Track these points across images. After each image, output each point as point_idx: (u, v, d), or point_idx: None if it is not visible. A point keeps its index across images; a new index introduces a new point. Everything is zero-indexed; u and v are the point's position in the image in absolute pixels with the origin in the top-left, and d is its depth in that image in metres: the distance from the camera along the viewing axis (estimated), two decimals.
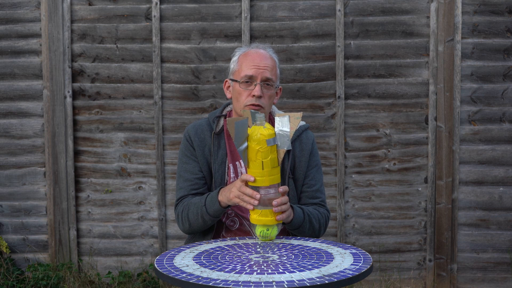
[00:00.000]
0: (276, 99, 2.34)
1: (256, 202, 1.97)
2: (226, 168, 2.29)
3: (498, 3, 3.86)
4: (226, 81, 2.36)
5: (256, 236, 2.09)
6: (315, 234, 2.27)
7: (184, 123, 4.00)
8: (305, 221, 2.19)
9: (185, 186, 2.30)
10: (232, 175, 2.29)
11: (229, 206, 2.16)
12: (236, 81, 2.27)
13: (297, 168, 2.32)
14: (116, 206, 4.06)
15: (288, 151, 2.25)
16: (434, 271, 3.97)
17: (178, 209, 2.29)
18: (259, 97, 2.22)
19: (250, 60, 2.25)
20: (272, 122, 2.35)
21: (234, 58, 2.34)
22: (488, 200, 3.95)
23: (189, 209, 2.23)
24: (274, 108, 2.43)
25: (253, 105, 2.22)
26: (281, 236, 2.16)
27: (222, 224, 2.31)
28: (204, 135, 2.32)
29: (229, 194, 2.06)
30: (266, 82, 2.25)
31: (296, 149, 2.32)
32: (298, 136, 2.34)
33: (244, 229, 2.29)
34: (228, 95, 2.36)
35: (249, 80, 2.24)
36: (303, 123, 2.38)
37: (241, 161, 2.30)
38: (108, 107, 4.03)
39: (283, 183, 2.20)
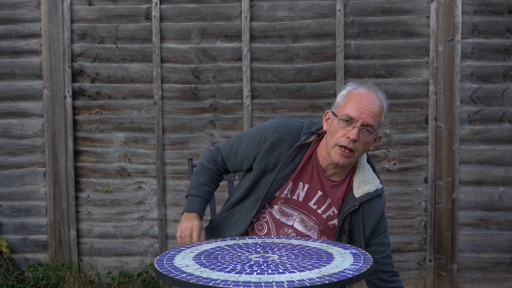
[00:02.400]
0: (372, 146, 2.21)
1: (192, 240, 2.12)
2: (284, 183, 2.21)
3: (498, 3, 3.86)
4: (327, 112, 2.23)
5: None
6: None
7: (184, 123, 4.00)
8: None
9: (224, 154, 2.34)
10: (285, 191, 2.22)
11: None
12: (336, 116, 2.15)
13: (357, 231, 2.21)
14: (116, 206, 4.06)
15: (352, 211, 2.19)
16: (434, 271, 3.97)
17: (203, 158, 2.38)
18: (354, 141, 2.12)
19: (357, 100, 2.13)
20: (353, 172, 2.25)
21: (343, 92, 2.20)
22: (488, 200, 3.95)
23: (198, 173, 2.35)
24: (363, 162, 2.30)
25: (345, 147, 2.12)
26: (281, 236, 2.15)
27: (252, 225, 2.26)
28: (287, 138, 2.23)
29: (180, 223, 2.20)
30: (366, 127, 2.12)
31: (363, 213, 2.20)
32: (369, 200, 2.21)
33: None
34: (325, 127, 2.22)
35: (350, 120, 2.12)
36: (380, 186, 2.25)
37: (306, 185, 2.22)
38: (108, 107, 4.03)
39: (338, 236, 2.20)
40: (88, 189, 4.07)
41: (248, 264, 1.75)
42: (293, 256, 1.84)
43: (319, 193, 2.22)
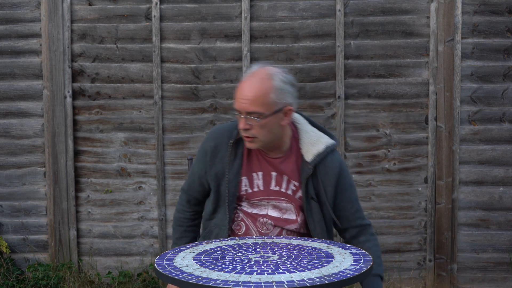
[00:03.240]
0: (285, 120, 2.17)
1: None
2: (239, 181, 2.23)
3: (498, 3, 3.86)
4: None
5: None
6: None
7: (184, 123, 4.00)
8: (381, 275, 2.22)
9: (186, 190, 2.40)
10: (244, 188, 2.23)
11: None
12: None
13: (322, 193, 2.20)
14: (116, 206, 4.06)
15: (311, 175, 2.18)
16: (434, 271, 3.97)
17: (176, 208, 2.45)
18: (246, 129, 2.12)
19: (238, 90, 2.14)
20: (296, 140, 2.25)
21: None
22: (488, 200, 3.95)
23: (174, 227, 2.45)
24: (304, 127, 2.28)
25: (243, 135, 2.15)
26: (281, 236, 2.15)
27: (230, 228, 2.27)
28: (222, 141, 2.25)
29: None
30: (249, 115, 2.10)
31: (321, 173, 2.20)
32: (322, 160, 2.20)
33: (250, 234, 2.24)
34: None
35: (237, 112, 2.14)
36: (331, 141, 2.24)
37: (259, 173, 2.24)
38: (108, 107, 4.03)
39: (307, 205, 2.20)
40: (88, 189, 4.07)
41: (248, 264, 1.75)
42: (293, 256, 1.84)
43: (273, 174, 2.22)
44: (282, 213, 2.23)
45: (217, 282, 1.59)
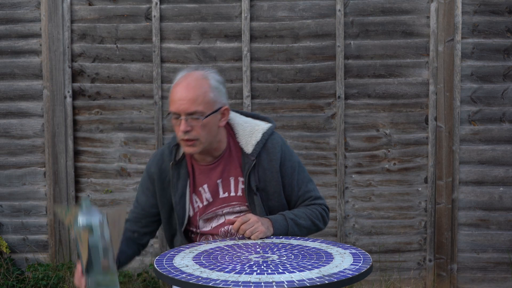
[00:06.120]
0: (223, 121, 2.12)
1: None
2: (187, 201, 2.16)
3: (498, 3, 3.86)
4: None
5: None
6: (312, 230, 2.19)
7: None
8: (290, 226, 2.12)
9: (132, 211, 2.26)
10: (196, 204, 2.18)
11: None
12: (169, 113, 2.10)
13: (269, 182, 2.15)
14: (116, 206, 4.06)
15: (254, 166, 2.12)
16: (434, 271, 3.97)
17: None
18: (187, 131, 2.03)
19: (174, 93, 2.06)
20: (233, 137, 2.18)
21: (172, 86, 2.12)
22: (488, 200, 3.95)
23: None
24: (236, 120, 2.22)
25: (184, 140, 2.06)
26: (281, 236, 2.15)
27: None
28: (166, 165, 2.17)
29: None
30: (190, 115, 2.03)
31: (264, 161, 2.14)
32: (264, 146, 2.14)
33: None
34: None
35: (175, 115, 2.05)
36: (268, 125, 2.19)
37: (204, 186, 2.16)
38: (108, 107, 4.03)
39: (249, 199, 2.13)
40: (88, 189, 4.07)
41: (247, 264, 1.75)
42: (293, 256, 1.84)
43: (219, 181, 2.16)
44: (238, 215, 2.16)
45: (216, 282, 1.59)
